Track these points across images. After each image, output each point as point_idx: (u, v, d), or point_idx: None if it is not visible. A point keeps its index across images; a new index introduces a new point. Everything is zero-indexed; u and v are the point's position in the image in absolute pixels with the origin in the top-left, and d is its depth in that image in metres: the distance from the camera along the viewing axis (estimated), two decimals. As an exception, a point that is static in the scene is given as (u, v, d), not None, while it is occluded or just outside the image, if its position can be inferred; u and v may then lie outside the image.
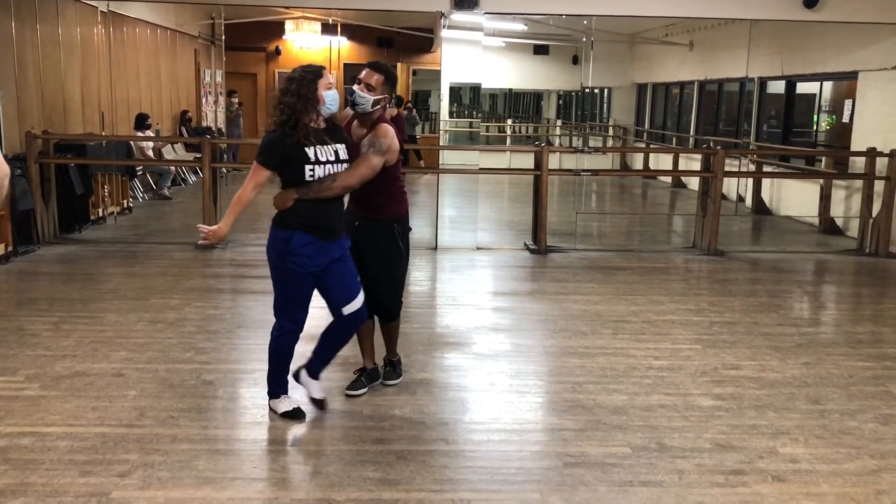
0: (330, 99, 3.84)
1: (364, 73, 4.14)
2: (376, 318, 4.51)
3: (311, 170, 3.77)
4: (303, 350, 4.15)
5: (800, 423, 4.17)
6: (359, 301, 4.01)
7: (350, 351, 4.48)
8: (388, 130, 4.10)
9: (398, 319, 4.59)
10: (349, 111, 4.26)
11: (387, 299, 4.43)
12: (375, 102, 4.12)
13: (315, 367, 4.13)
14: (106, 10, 10.75)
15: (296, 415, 4.07)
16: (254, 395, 4.42)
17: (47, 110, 9.22)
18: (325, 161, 3.82)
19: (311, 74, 3.82)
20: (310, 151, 3.77)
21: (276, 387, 4.13)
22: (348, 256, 4.05)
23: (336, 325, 4.04)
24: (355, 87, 4.13)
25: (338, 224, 3.95)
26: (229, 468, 3.55)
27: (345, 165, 3.91)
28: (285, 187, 3.84)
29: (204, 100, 16.00)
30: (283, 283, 3.90)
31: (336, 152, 3.88)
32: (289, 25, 16.67)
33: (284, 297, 3.93)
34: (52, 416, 4.03)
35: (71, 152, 8.97)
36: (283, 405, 4.10)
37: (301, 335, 4.05)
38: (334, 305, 3.99)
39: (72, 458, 3.57)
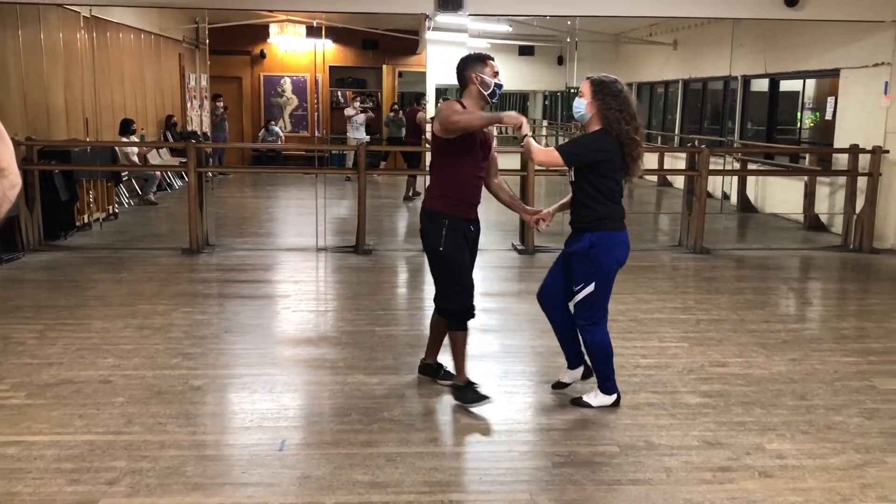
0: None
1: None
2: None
3: None
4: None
5: (786, 419, 4.20)
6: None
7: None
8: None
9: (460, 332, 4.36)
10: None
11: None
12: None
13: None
14: (89, 15, 10.70)
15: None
16: (242, 400, 4.41)
17: (30, 116, 9.17)
18: None
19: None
20: None
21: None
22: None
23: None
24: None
25: None
26: (218, 473, 3.54)
27: None
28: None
29: (189, 104, 15.94)
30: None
31: None
32: (273, 29, 16.63)
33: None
34: (38, 424, 4.00)
35: (55, 158, 8.92)
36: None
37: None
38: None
39: (59, 466, 3.55)
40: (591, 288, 4.15)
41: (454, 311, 4.29)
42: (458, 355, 4.35)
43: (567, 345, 4.47)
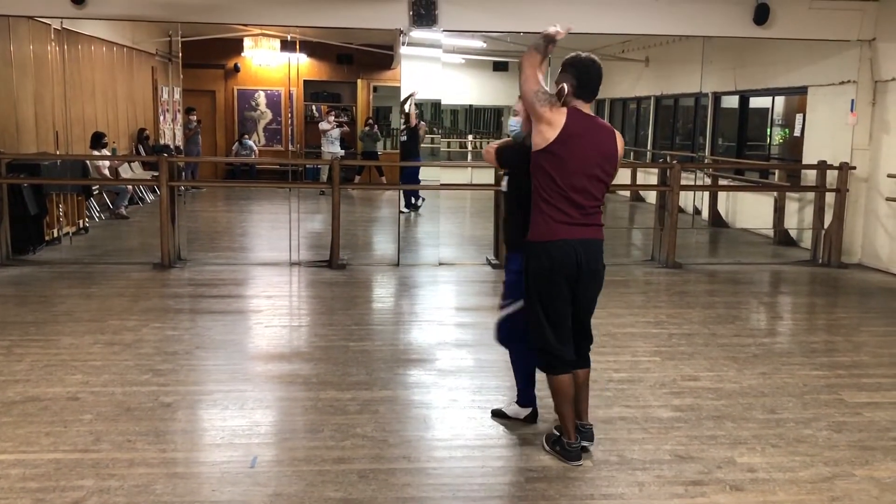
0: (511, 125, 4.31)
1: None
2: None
3: None
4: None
5: (757, 433, 4.24)
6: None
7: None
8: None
9: (550, 376, 3.98)
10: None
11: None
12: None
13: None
14: (60, 28, 10.60)
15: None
16: (213, 417, 4.36)
17: (-1, 129, 9.05)
18: None
19: None
20: None
21: None
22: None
23: None
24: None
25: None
26: (188, 492, 3.50)
27: None
28: None
29: (162, 117, 15.82)
30: None
31: None
32: (247, 42, 16.59)
33: None
34: (3, 443, 3.92)
35: (24, 172, 8.80)
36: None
37: None
38: None
39: (24, 485, 3.49)
40: None
41: None
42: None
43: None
